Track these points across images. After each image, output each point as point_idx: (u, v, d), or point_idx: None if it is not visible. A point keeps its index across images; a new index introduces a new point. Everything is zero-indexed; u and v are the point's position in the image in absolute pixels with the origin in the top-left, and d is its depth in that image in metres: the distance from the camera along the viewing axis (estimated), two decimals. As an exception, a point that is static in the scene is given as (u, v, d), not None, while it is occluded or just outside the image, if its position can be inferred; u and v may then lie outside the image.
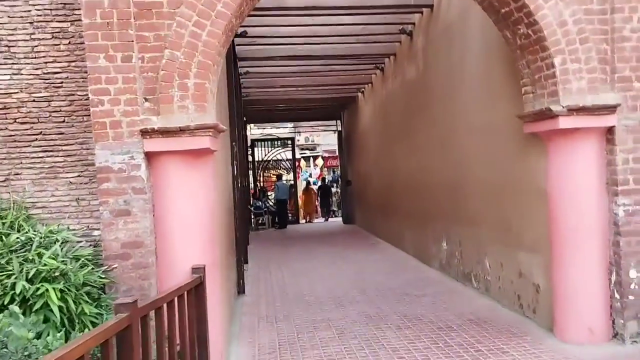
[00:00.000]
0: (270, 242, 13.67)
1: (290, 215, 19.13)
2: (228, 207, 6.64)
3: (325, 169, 27.63)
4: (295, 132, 24.24)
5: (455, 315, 5.81)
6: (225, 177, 6.40)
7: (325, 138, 26.54)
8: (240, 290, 7.54)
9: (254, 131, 24.21)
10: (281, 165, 20.46)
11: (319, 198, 20.98)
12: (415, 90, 9.33)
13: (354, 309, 6.32)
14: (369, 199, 14.44)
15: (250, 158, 19.26)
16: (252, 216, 17.61)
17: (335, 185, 25.35)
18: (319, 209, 20.47)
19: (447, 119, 7.66)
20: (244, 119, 17.33)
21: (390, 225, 11.74)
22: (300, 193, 20.49)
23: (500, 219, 6.08)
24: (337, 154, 27.26)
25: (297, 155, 25.35)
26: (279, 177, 18.40)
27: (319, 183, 25.82)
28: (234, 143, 7.60)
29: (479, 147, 6.55)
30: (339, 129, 19.01)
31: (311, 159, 27.27)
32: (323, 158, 27.29)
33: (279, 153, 19.90)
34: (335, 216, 22.89)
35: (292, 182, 19.90)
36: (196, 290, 4.11)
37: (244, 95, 14.15)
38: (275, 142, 20.02)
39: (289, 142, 19.89)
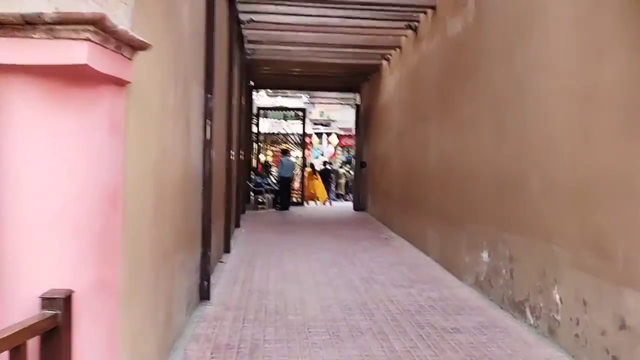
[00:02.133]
0: (266, 227, 11.68)
1: (294, 196, 17.15)
2: (186, 184, 4.60)
3: (340, 148, 25.50)
4: (310, 104, 22.09)
5: (510, 378, 3.77)
6: (182, 138, 4.35)
7: (342, 113, 24.32)
8: (204, 295, 5.54)
9: (265, 100, 22.14)
10: (290, 139, 18.37)
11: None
12: (459, 51, 7.16)
13: (354, 348, 4.29)
14: (385, 185, 12.35)
15: (254, 129, 17.22)
16: (252, 194, 15.64)
17: (348, 166, 23.26)
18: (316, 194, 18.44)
19: (507, 85, 5.51)
20: (251, 82, 15.29)
21: (410, 219, 9.66)
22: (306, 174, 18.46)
23: (590, 233, 3.98)
24: (353, 132, 25.12)
25: (310, 130, 23.23)
26: (285, 152, 16.30)
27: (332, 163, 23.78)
28: (209, 95, 5.54)
29: (562, 124, 4.41)
30: (358, 102, 16.83)
31: (324, 135, 25.10)
32: (338, 136, 25.11)
33: (288, 125, 17.78)
34: (345, 200, 20.87)
35: (300, 159, 17.86)
36: (45, 342, 2.11)
37: (249, 52, 12.05)
38: (285, 113, 17.87)
39: (301, 113, 17.71)
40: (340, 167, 23.41)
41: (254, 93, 17.90)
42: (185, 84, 4.43)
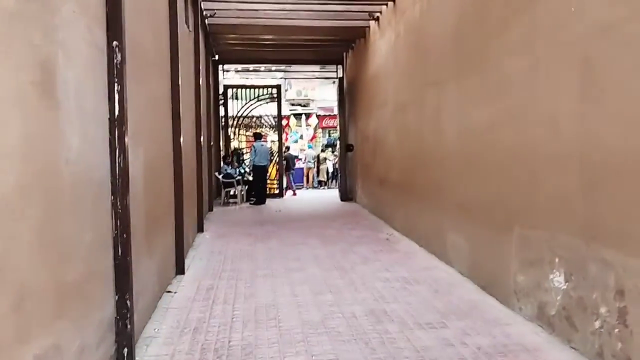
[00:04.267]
0: (237, 229, 9.51)
1: (271, 187, 14.99)
2: (51, 199, 2.42)
3: (320, 130, 23.32)
4: (285, 80, 19.84)
5: None
6: (22, 105, 2.16)
7: (321, 92, 22.15)
8: (124, 372, 3.40)
9: (234, 80, 19.80)
10: (264, 122, 16.12)
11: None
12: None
13: None
14: (379, 171, 10.27)
15: (222, 111, 14.94)
16: (222, 186, 13.42)
17: (331, 150, 21.16)
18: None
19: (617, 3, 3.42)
20: (215, 56, 13.04)
21: (418, 214, 7.60)
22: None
23: None
24: (335, 111, 22.96)
25: (286, 112, 21.01)
26: (258, 136, 14.02)
27: (312, 147, 21.68)
28: (115, 43, 3.33)
29: None
30: (340, 75, 14.64)
31: (303, 116, 22.86)
32: (318, 117, 22.90)
33: (261, 105, 15.49)
34: (329, 188, 18.84)
35: (279, 144, 15.61)
36: None
37: (207, 14, 9.80)
38: (258, 91, 15.54)
39: (275, 91, 15.41)
40: (322, 150, 21.29)
41: (221, 70, 15.60)
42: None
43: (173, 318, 4.60)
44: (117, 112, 3.31)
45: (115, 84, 3.32)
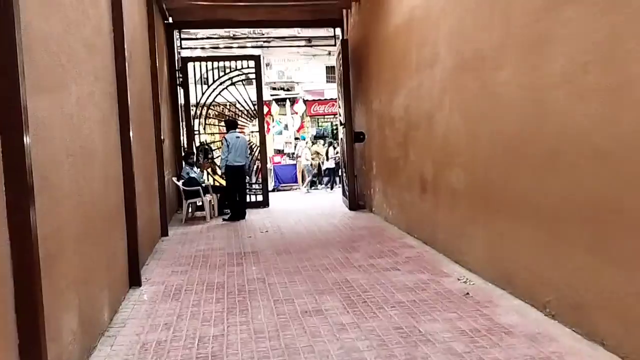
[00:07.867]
0: (196, 275, 5.82)
1: (252, 192, 11.33)
2: None
3: (309, 118, 19.65)
4: (262, 58, 16.12)
5: None
6: None
7: (308, 72, 18.51)
8: None
9: (198, 53, 16.00)
10: (240, 108, 12.40)
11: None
12: None
13: None
14: (420, 169, 6.72)
15: (181, 94, 11.19)
16: (184, 196, 9.69)
17: (324, 143, 17.56)
18: None
19: None
20: (167, 17, 9.37)
21: (540, 252, 4.08)
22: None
23: None
24: (325, 95, 19.38)
25: (267, 97, 17.34)
26: (231, 124, 10.13)
27: (307, 138, 18.09)
28: None
29: None
30: (343, 37, 11.00)
31: (287, 103, 19.14)
32: (305, 102, 19.25)
33: (234, 81, 11.68)
34: (325, 186, 15.29)
35: (258, 135, 11.90)
36: None
37: None
38: (228, 65, 11.74)
39: (252, 64, 11.62)
40: (314, 143, 17.65)
41: (184, 47, 11.83)
42: None
43: None
44: None
45: None
